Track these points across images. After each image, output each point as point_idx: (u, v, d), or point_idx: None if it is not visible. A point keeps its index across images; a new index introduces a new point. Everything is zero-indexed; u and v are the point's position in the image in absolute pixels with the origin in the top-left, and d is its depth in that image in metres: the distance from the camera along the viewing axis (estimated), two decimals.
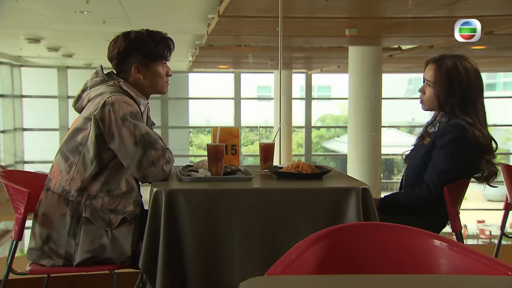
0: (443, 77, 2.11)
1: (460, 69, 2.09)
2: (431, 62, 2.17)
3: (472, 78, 2.10)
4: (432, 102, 2.16)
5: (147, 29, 2.06)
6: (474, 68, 2.12)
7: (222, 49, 8.95)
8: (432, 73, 2.14)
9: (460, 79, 2.09)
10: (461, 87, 2.09)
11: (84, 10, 6.57)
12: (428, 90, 2.17)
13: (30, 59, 12.47)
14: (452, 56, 2.13)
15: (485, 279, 1.10)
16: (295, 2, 4.94)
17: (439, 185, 2.07)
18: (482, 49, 8.24)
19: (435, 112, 2.21)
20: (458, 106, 2.09)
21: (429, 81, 2.16)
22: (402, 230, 1.30)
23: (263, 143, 2.20)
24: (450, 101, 2.10)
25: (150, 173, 1.90)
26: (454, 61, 2.11)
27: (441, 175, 2.07)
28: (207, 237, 1.76)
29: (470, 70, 2.10)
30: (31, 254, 1.94)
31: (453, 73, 2.09)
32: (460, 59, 2.12)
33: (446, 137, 2.07)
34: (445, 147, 2.07)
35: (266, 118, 15.15)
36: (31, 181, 2.09)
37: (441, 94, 2.11)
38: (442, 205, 2.12)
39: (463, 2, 4.96)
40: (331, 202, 1.80)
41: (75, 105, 2.06)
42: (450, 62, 2.11)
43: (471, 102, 2.10)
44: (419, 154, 2.18)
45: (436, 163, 2.08)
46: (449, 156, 2.06)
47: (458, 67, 2.10)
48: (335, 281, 1.09)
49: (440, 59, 2.14)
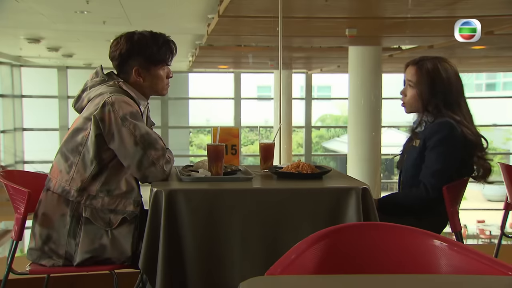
0: (424, 78, 2.11)
1: (440, 70, 2.11)
2: (411, 64, 2.17)
3: (452, 79, 2.11)
4: (415, 103, 2.16)
5: (150, 31, 2.05)
6: (454, 70, 2.13)
7: (222, 49, 8.95)
8: (413, 74, 2.14)
9: (441, 80, 2.10)
10: (443, 88, 2.10)
11: (84, 10, 6.56)
12: (410, 91, 2.16)
13: (30, 59, 12.47)
14: (432, 58, 2.15)
15: (485, 279, 1.10)
16: (295, 2, 4.94)
17: (436, 185, 2.07)
18: (482, 49, 8.25)
19: (419, 113, 2.20)
20: (442, 105, 2.10)
21: (410, 81, 2.16)
22: (402, 230, 1.30)
23: (263, 143, 2.20)
24: (434, 101, 2.10)
25: (150, 173, 1.90)
26: (434, 62, 2.12)
27: (436, 175, 2.07)
28: (207, 237, 1.76)
29: (450, 71, 2.11)
30: (31, 254, 1.94)
31: (434, 74, 2.11)
32: (440, 61, 2.14)
33: (435, 137, 2.07)
34: (436, 147, 2.07)
35: (266, 118, 15.15)
36: (31, 181, 2.09)
37: (424, 94, 2.11)
38: (441, 205, 2.12)
39: (463, 2, 4.96)
40: (331, 202, 1.80)
41: (75, 105, 2.06)
42: (430, 63, 2.12)
43: (454, 102, 2.11)
44: (412, 157, 2.17)
45: (429, 164, 2.09)
46: (441, 156, 2.07)
47: (439, 68, 2.11)
48: (335, 281, 1.09)
49: (420, 60, 2.15)
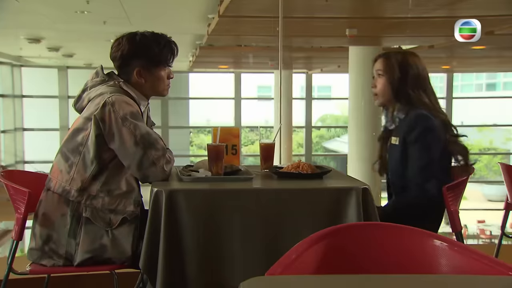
0: (393, 65, 2.15)
1: (408, 59, 2.16)
2: (379, 57, 2.22)
3: (420, 67, 2.16)
4: (387, 91, 2.18)
5: (152, 32, 2.04)
6: (421, 62, 2.19)
7: (222, 49, 8.94)
8: (381, 64, 2.19)
9: (409, 67, 2.14)
10: (411, 73, 2.13)
11: (84, 10, 6.56)
12: (380, 81, 2.19)
13: (31, 59, 12.46)
14: (399, 51, 2.24)
15: (486, 279, 1.10)
16: (295, 2, 4.94)
17: (428, 179, 2.06)
18: (483, 49, 8.24)
19: (389, 108, 2.22)
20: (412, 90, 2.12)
21: (379, 70, 2.19)
22: (402, 230, 1.30)
23: (264, 143, 2.20)
24: (403, 87, 2.13)
25: (151, 173, 1.90)
26: (403, 53, 2.21)
27: (424, 170, 2.06)
28: (207, 237, 1.76)
29: (417, 62, 2.17)
30: (31, 254, 1.94)
31: (402, 62, 2.15)
32: (408, 53, 2.22)
33: (414, 132, 2.08)
34: (417, 142, 2.08)
35: (266, 118, 15.15)
36: (32, 181, 2.10)
37: (395, 82, 2.15)
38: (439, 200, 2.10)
39: (463, 2, 4.96)
40: (332, 202, 1.80)
41: (75, 105, 2.06)
42: (399, 55, 2.19)
43: (423, 87, 2.14)
44: (395, 156, 2.17)
45: (414, 161, 2.08)
46: (424, 149, 2.07)
47: (407, 58, 2.17)
48: (335, 281, 1.09)
49: (388, 53, 2.21)
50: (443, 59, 10.61)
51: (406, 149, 2.11)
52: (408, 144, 2.10)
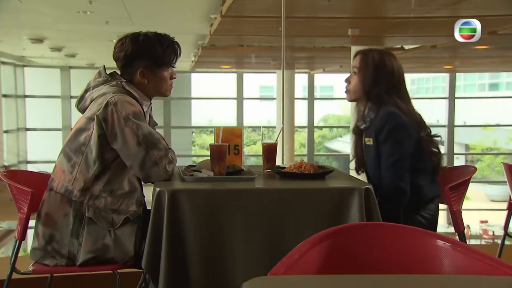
0: (368, 66, 2.15)
1: (385, 60, 2.15)
2: (358, 52, 2.22)
3: (396, 69, 2.15)
4: (358, 90, 2.18)
5: (155, 32, 2.04)
6: (398, 63, 2.18)
7: (224, 49, 8.94)
8: (358, 62, 2.18)
9: (385, 69, 2.14)
10: (385, 77, 2.13)
11: (87, 10, 6.57)
12: (354, 79, 2.20)
13: (33, 59, 12.49)
14: (379, 50, 2.22)
15: (489, 280, 1.10)
16: (297, 2, 4.93)
17: (399, 176, 2.04)
18: (485, 49, 8.22)
19: (360, 105, 2.22)
20: (385, 92, 2.12)
21: (355, 67, 2.19)
22: (405, 230, 1.30)
23: (266, 143, 2.20)
24: (376, 89, 2.13)
25: (153, 173, 1.90)
26: (381, 54, 2.19)
27: (395, 166, 2.05)
28: (210, 237, 1.76)
29: (394, 63, 2.16)
30: (34, 254, 1.94)
31: (378, 62, 2.15)
32: (387, 54, 2.20)
33: (385, 129, 2.07)
34: (387, 139, 2.07)
35: (268, 118, 15.15)
36: (35, 181, 2.10)
37: (367, 81, 2.15)
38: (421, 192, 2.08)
39: (466, 2, 4.95)
40: (334, 202, 1.80)
41: (78, 105, 2.06)
42: (377, 54, 2.17)
43: (397, 90, 2.14)
44: (372, 157, 2.16)
45: (386, 157, 2.08)
46: (395, 146, 2.06)
47: (384, 58, 2.16)
48: (338, 281, 1.09)
49: (368, 51, 2.20)
50: (446, 59, 10.60)
51: (379, 148, 2.11)
52: (380, 143, 2.09)
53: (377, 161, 2.12)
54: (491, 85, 19.62)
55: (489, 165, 16.92)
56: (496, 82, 19.36)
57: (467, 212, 2.30)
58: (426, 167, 2.11)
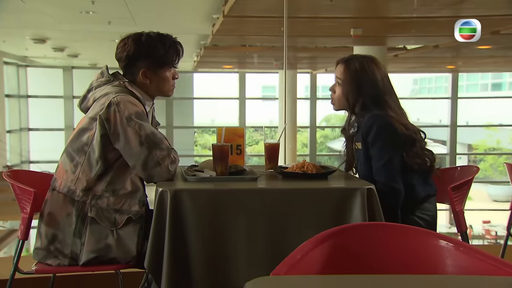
0: (351, 78, 2.13)
1: (367, 70, 2.11)
2: (340, 61, 2.19)
3: (379, 79, 2.11)
4: (342, 102, 2.18)
5: (157, 32, 2.04)
6: (382, 71, 2.14)
7: (227, 49, 8.95)
8: (341, 72, 2.16)
9: (368, 80, 2.11)
10: (369, 88, 2.10)
11: (89, 11, 6.59)
12: (338, 89, 2.19)
13: (36, 59, 12.52)
14: (360, 57, 2.17)
15: (492, 280, 1.10)
16: (300, 2, 4.93)
17: (391, 177, 2.02)
18: (488, 48, 8.21)
19: (347, 112, 2.22)
20: (370, 103, 2.09)
21: (338, 78, 2.18)
22: (407, 230, 1.30)
23: (268, 143, 2.20)
24: (360, 101, 2.11)
25: (156, 173, 1.91)
26: (362, 62, 2.14)
27: (386, 168, 2.03)
28: (212, 237, 1.76)
29: (377, 72, 2.12)
30: (37, 253, 1.94)
31: (360, 74, 2.12)
32: (368, 61, 2.14)
33: (372, 132, 2.05)
34: (375, 142, 2.05)
35: (270, 118, 15.15)
36: (37, 181, 2.10)
37: (350, 95, 2.13)
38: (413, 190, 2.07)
39: (468, 2, 4.94)
40: (336, 202, 1.80)
41: (81, 105, 2.07)
42: (358, 63, 2.13)
43: (381, 101, 2.10)
44: (361, 162, 2.14)
45: (376, 160, 2.06)
46: (383, 148, 2.04)
47: (365, 68, 2.12)
48: (340, 281, 1.09)
49: (349, 59, 2.17)
50: (448, 59, 10.58)
51: (368, 150, 2.09)
52: (368, 146, 2.08)
53: (367, 164, 2.10)
54: (493, 85, 19.58)
55: (491, 165, 16.88)
56: (499, 82, 19.32)
57: (470, 212, 2.29)
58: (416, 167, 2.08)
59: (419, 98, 19.50)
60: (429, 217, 2.10)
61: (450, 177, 2.32)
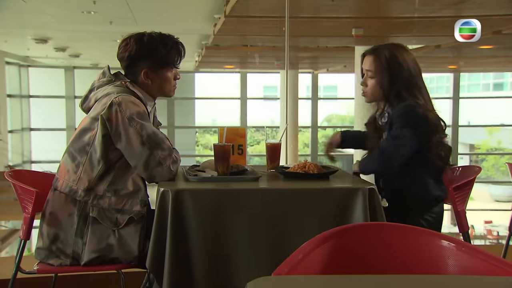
0: (383, 66, 2.10)
1: (398, 56, 2.09)
2: (367, 53, 2.16)
3: (410, 64, 2.09)
4: (377, 92, 2.13)
5: (159, 33, 2.04)
6: (411, 55, 2.12)
7: (228, 49, 8.95)
8: (371, 63, 2.13)
9: (399, 66, 2.08)
10: (402, 74, 2.08)
11: (91, 11, 6.60)
12: (370, 81, 2.14)
13: (38, 59, 12.54)
14: (387, 45, 2.14)
15: (494, 280, 1.10)
16: (301, 2, 4.93)
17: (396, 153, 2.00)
18: (490, 48, 8.20)
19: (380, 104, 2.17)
20: (404, 90, 2.07)
21: (369, 70, 2.14)
22: (409, 230, 1.30)
23: (270, 143, 2.20)
24: (395, 88, 2.08)
25: (157, 173, 1.91)
26: (391, 49, 2.12)
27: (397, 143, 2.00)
28: (214, 236, 1.76)
29: (407, 57, 2.10)
30: (39, 253, 1.95)
31: (391, 60, 2.09)
32: (396, 47, 2.13)
33: (400, 118, 2.03)
34: (399, 122, 2.02)
35: (272, 118, 15.15)
36: (39, 180, 2.10)
37: (385, 83, 2.09)
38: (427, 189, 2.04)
39: (470, 2, 4.94)
40: (338, 202, 1.80)
41: (82, 105, 2.07)
42: (387, 51, 2.11)
43: (415, 85, 2.08)
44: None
45: (391, 134, 2.03)
46: (404, 128, 2.01)
47: (396, 54, 2.10)
48: (342, 281, 1.09)
49: (377, 49, 2.14)
50: (450, 59, 10.58)
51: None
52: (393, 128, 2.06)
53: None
54: (495, 85, 19.56)
55: (493, 165, 16.86)
56: (500, 82, 19.29)
57: (472, 213, 2.29)
58: (432, 166, 2.07)
59: None
60: (434, 220, 2.07)
61: (452, 177, 2.32)
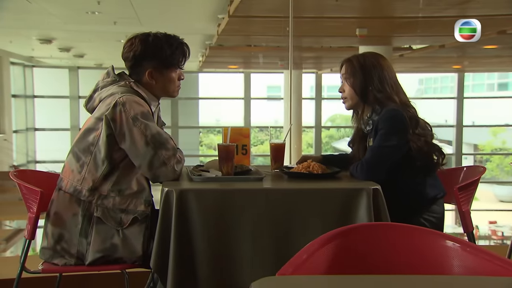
0: (355, 68, 2.16)
1: (371, 59, 2.16)
2: (343, 61, 2.25)
3: (384, 66, 2.15)
4: (353, 95, 2.18)
5: (164, 33, 2.04)
6: (386, 60, 2.19)
7: (232, 49, 8.96)
8: (346, 68, 2.20)
9: (373, 67, 2.14)
10: (376, 73, 2.13)
11: (95, 11, 6.61)
12: (346, 86, 2.21)
13: (42, 60, 12.58)
14: (362, 53, 2.24)
15: (499, 281, 1.09)
16: (305, 2, 4.93)
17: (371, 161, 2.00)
18: (494, 48, 8.18)
19: (358, 111, 2.21)
20: (380, 93, 2.10)
21: (344, 74, 2.20)
22: (413, 231, 1.29)
23: (274, 143, 2.20)
24: (370, 89, 2.12)
25: (161, 173, 1.91)
26: (363, 54, 2.21)
27: (376, 151, 2.01)
28: (218, 236, 1.76)
29: (381, 60, 2.17)
30: (43, 253, 1.95)
31: (364, 62, 2.16)
32: (371, 53, 2.22)
33: (383, 123, 2.05)
34: (383, 128, 2.04)
35: (276, 118, 15.15)
36: (44, 180, 2.11)
37: (358, 84, 2.15)
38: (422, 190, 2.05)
39: (474, 1, 4.92)
40: (342, 202, 1.80)
41: (87, 105, 2.07)
42: (361, 56, 2.20)
43: (388, 85, 2.12)
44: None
45: (376, 142, 2.04)
46: (384, 135, 2.02)
47: (367, 55, 2.18)
48: (346, 281, 1.09)
49: (352, 56, 2.22)
50: (454, 59, 10.55)
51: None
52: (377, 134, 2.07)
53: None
54: (500, 84, 19.49)
55: (498, 165, 16.80)
56: (505, 82, 19.23)
57: (476, 213, 2.28)
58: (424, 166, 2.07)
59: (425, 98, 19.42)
60: (436, 219, 2.07)
61: (456, 178, 2.31)
